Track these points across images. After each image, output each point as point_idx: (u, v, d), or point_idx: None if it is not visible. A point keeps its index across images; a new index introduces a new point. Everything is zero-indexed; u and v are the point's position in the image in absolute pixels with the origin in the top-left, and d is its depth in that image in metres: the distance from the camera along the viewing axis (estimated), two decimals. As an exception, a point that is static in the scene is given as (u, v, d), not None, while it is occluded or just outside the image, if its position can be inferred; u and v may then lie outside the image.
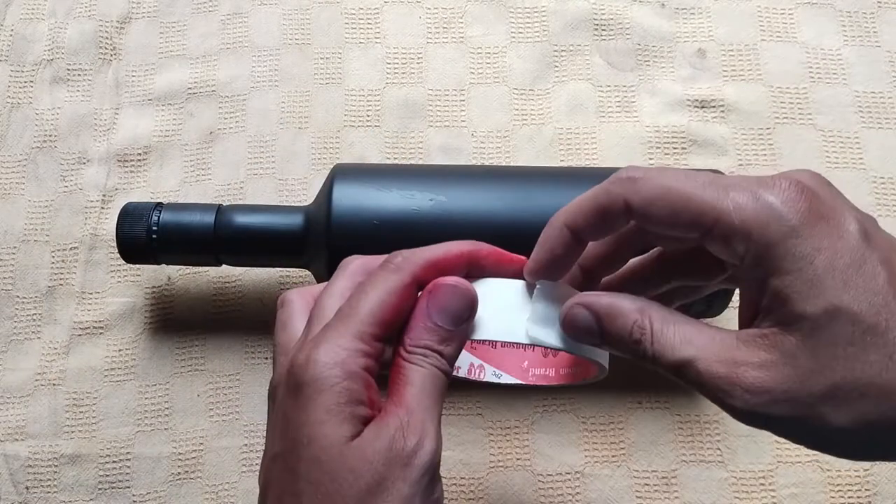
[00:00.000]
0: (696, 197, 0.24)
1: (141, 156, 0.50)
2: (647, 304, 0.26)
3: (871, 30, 0.52)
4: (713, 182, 0.24)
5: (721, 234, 0.23)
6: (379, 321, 0.26)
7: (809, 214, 0.23)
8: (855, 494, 0.43)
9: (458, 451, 0.44)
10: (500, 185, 0.40)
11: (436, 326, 0.27)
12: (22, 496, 0.44)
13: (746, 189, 0.23)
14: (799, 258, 0.22)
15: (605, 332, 0.26)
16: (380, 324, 0.26)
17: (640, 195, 0.25)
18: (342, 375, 0.25)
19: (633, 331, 0.25)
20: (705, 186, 0.24)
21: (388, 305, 0.26)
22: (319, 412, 0.25)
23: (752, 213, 0.23)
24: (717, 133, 0.50)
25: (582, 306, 0.26)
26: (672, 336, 0.24)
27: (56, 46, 0.52)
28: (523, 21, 0.53)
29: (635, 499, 0.43)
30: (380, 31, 0.53)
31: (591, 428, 0.44)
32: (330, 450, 0.24)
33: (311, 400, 0.25)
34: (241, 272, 0.47)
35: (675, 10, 0.53)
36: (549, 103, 0.51)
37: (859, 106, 0.50)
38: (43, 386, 0.46)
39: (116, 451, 0.44)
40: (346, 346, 0.25)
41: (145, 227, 0.41)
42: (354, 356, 0.25)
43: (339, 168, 0.41)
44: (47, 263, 0.48)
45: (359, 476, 0.24)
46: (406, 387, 0.26)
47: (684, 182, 0.24)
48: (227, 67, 0.52)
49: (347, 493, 0.24)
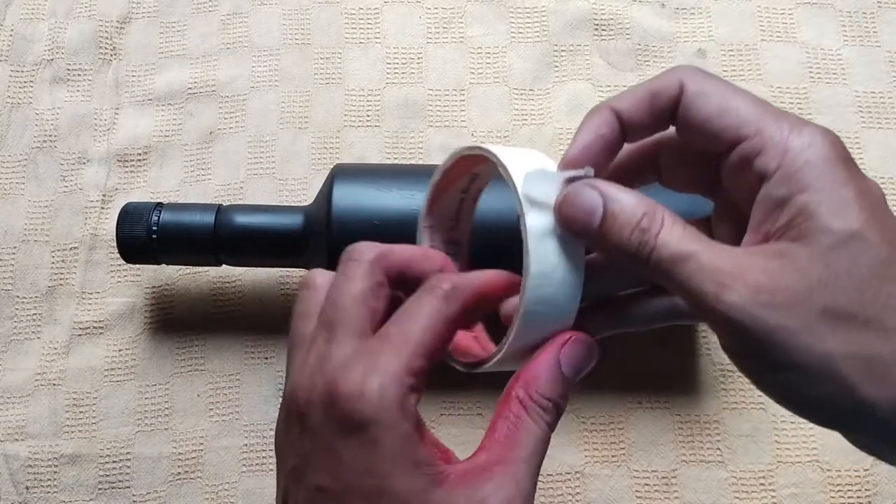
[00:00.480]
0: (744, 104, 0.24)
1: (141, 156, 0.50)
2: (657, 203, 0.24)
3: (871, 30, 0.52)
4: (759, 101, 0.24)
5: (757, 145, 0.23)
6: (428, 352, 0.24)
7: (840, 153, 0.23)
8: (855, 494, 0.43)
9: (458, 451, 0.44)
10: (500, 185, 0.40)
11: (563, 378, 0.25)
12: (22, 496, 0.44)
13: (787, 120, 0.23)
14: (832, 181, 0.22)
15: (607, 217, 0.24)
16: (428, 355, 0.24)
17: (695, 84, 0.24)
18: (401, 416, 0.23)
19: (642, 219, 0.23)
20: (756, 101, 0.24)
21: (438, 336, 0.24)
22: (384, 461, 0.23)
23: (793, 135, 0.23)
24: (717, 133, 0.50)
25: (592, 187, 0.24)
26: (681, 233, 0.23)
27: (56, 46, 0.52)
28: (523, 21, 0.53)
29: (635, 499, 0.43)
30: (380, 31, 0.53)
31: (591, 428, 0.44)
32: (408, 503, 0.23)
33: (374, 443, 0.23)
34: (241, 272, 0.47)
35: (675, 10, 0.53)
36: (549, 103, 0.51)
37: (859, 106, 0.50)
38: (43, 386, 0.46)
39: (116, 451, 0.44)
40: (400, 379, 0.23)
41: (145, 227, 0.41)
42: (409, 394, 0.23)
43: (339, 168, 0.41)
44: (47, 263, 0.48)
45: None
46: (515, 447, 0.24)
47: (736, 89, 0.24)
48: (227, 67, 0.52)
49: None
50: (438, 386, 0.44)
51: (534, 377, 0.25)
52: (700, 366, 0.45)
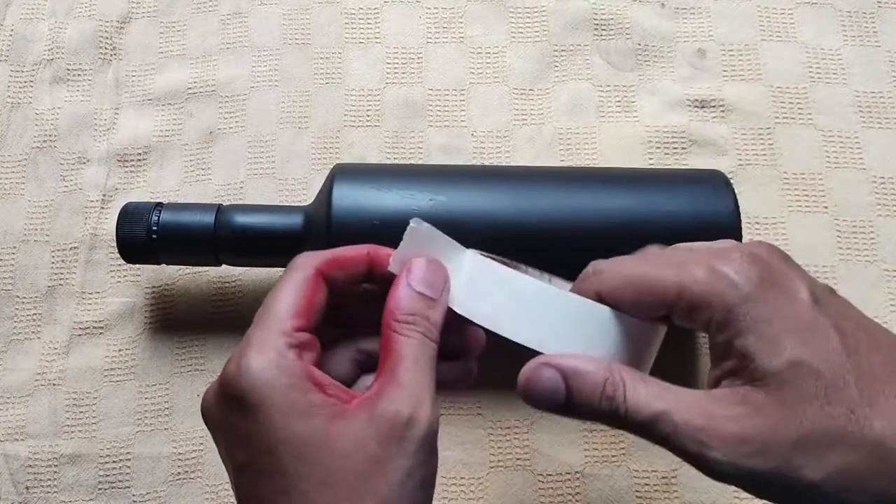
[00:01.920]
0: (655, 279, 0.26)
1: (141, 156, 0.50)
2: (612, 362, 0.27)
3: (871, 30, 0.52)
4: (670, 262, 0.26)
5: (684, 307, 0.25)
6: (295, 314, 0.27)
7: (761, 282, 0.24)
8: (855, 494, 0.42)
9: (458, 451, 0.44)
10: (500, 185, 0.40)
11: (418, 294, 0.28)
12: (22, 496, 0.44)
13: (702, 263, 0.25)
14: (758, 320, 0.24)
15: (572, 393, 0.26)
16: (296, 315, 0.27)
17: (607, 286, 0.27)
18: (279, 374, 0.25)
19: (605, 387, 0.26)
20: (663, 267, 0.26)
21: (297, 297, 0.27)
22: (276, 416, 0.25)
23: (710, 284, 0.25)
24: (717, 133, 0.50)
25: (548, 366, 0.27)
26: (644, 392, 0.25)
27: (56, 46, 0.52)
28: (523, 21, 0.53)
29: (635, 499, 0.43)
30: (380, 31, 0.53)
31: (592, 428, 0.44)
32: (310, 444, 0.25)
33: (260, 407, 0.25)
34: (241, 272, 0.47)
35: (675, 9, 0.53)
36: (549, 103, 0.51)
37: (859, 106, 0.50)
38: (43, 386, 0.46)
39: (116, 451, 0.44)
40: (272, 344, 0.26)
41: (145, 226, 0.41)
42: (281, 352, 0.26)
43: (339, 168, 0.41)
44: (47, 263, 0.48)
45: (352, 459, 0.25)
46: (398, 362, 0.27)
47: (643, 267, 0.26)
48: (227, 67, 0.52)
49: (345, 479, 0.25)
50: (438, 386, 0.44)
51: (392, 306, 0.28)
52: (700, 366, 0.45)
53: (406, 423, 0.25)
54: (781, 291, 0.25)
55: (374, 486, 0.25)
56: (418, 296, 0.28)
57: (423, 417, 0.26)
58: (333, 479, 0.25)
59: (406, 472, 0.25)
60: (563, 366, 0.26)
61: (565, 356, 0.27)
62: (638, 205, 0.39)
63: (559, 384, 0.26)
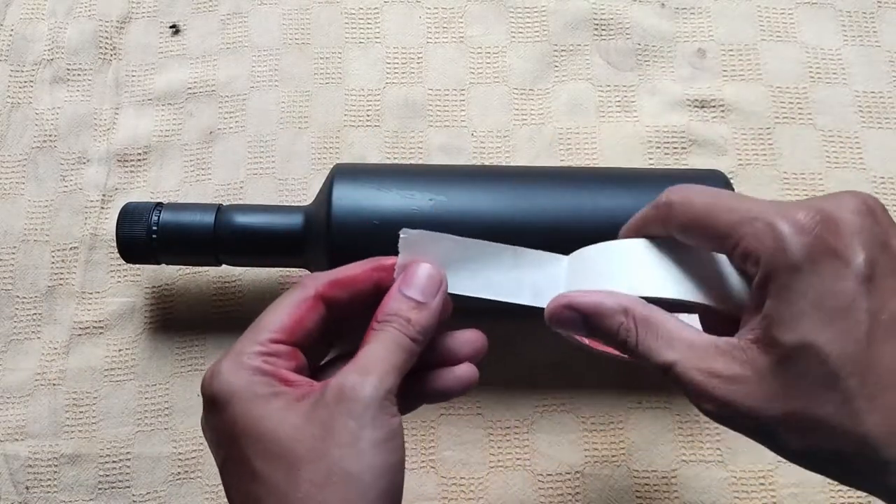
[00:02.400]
0: (721, 221, 0.26)
1: (141, 156, 0.50)
2: (631, 302, 0.27)
3: (871, 30, 0.52)
4: (740, 207, 0.26)
5: (739, 256, 0.25)
6: (279, 329, 0.28)
7: (813, 250, 0.24)
8: (855, 494, 0.42)
9: (458, 451, 0.44)
10: (500, 185, 0.40)
11: (404, 297, 0.29)
12: (22, 496, 0.44)
13: (766, 217, 0.25)
14: (793, 291, 0.24)
15: (592, 329, 0.28)
16: (280, 330, 0.28)
17: (675, 221, 0.27)
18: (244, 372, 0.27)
19: (619, 332, 0.27)
20: (731, 211, 0.26)
21: (288, 315, 0.29)
22: (238, 407, 0.27)
23: (764, 241, 0.24)
24: (717, 133, 0.50)
25: (568, 308, 0.28)
26: (655, 339, 0.27)
27: (56, 46, 0.52)
28: (523, 21, 0.53)
29: (635, 499, 0.43)
30: (380, 31, 0.53)
31: (591, 428, 0.44)
32: (266, 425, 0.26)
33: (227, 404, 0.27)
34: (241, 272, 0.47)
35: (675, 9, 0.53)
36: (549, 103, 0.51)
37: (859, 106, 0.50)
38: (43, 386, 0.46)
39: (116, 451, 0.44)
40: (245, 351, 0.28)
41: (145, 226, 0.41)
42: (252, 357, 0.28)
43: (339, 168, 0.41)
44: (47, 263, 0.48)
45: (304, 430, 0.26)
46: (362, 349, 0.28)
47: (714, 207, 0.26)
48: (227, 67, 0.52)
49: (297, 450, 0.26)
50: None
51: (379, 309, 0.29)
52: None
53: (351, 388, 0.26)
54: (832, 263, 0.24)
55: (325, 451, 0.25)
56: (404, 298, 0.29)
57: (368, 382, 0.26)
58: (286, 452, 0.26)
59: (354, 433, 0.26)
60: (581, 306, 0.28)
61: (586, 293, 0.28)
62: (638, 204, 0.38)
63: (579, 322, 0.28)
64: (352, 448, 0.26)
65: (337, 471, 0.25)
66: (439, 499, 0.43)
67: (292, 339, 0.29)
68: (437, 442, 0.44)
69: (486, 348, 0.32)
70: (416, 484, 0.43)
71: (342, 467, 0.25)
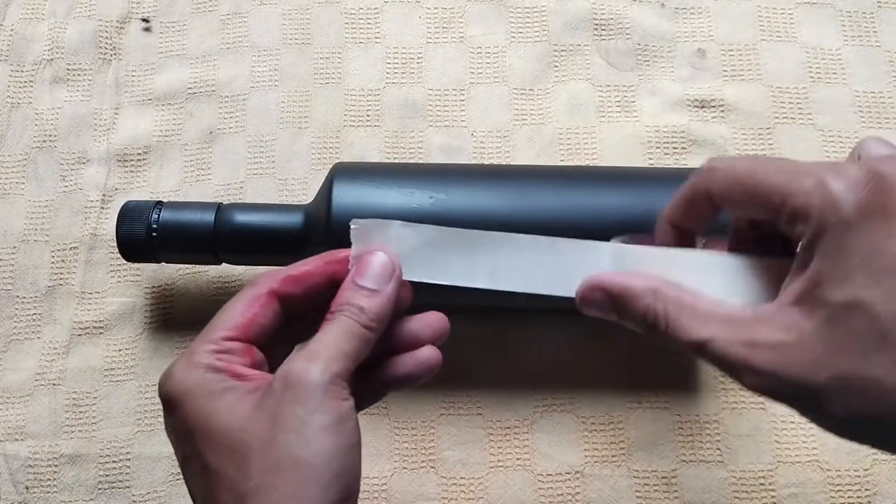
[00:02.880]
0: (766, 182, 0.25)
1: (141, 156, 0.50)
2: (661, 284, 0.27)
3: (871, 30, 0.52)
4: (784, 167, 0.25)
5: (787, 215, 0.24)
6: (230, 326, 0.29)
7: (868, 207, 0.23)
8: (855, 494, 0.42)
9: (458, 451, 0.44)
10: (500, 182, 0.40)
11: (356, 286, 0.29)
12: (22, 496, 0.44)
13: (815, 174, 0.24)
14: (843, 249, 0.23)
15: (620, 312, 0.27)
16: (233, 328, 0.29)
17: (718, 186, 0.27)
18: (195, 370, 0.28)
19: (646, 314, 0.26)
20: (777, 172, 0.25)
21: (239, 312, 0.29)
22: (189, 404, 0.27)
23: (815, 198, 0.23)
24: (717, 133, 0.50)
25: (597, 289, 0.28)
26: (687, 319, 0.26)
27: (56, 46, 0.52)
28: (523, 21, 0.53)
29: (635, 499, 0.43)
30: (380, 31, 0.53)
31: (591, 428, 0.44)
32: (218, 419, 0.26)
33: (180, 402, 0.27)
34: (242, 271, 0.47)
35: (675, 10, 0.53)
36: (549, 103, 0.51)
37: (859, 106, 0.50)
38: (43, 386, 0.46)
39: (116, 451, 0.44)
40: (198, 351, 0.28)
41: (145, 225, 0.41)
42: (205, 355, 0.28)
43: (339, 166, 0.41)
44: (47, 263, 0.48)
45: (253, 421, 0.26)
46: (321, 337, 0.28)
47: (755, 168, 0.26)
48: (227, 67, 0.52)
49: (247, 440, 0.26)
50: (438, 386, 0.45)
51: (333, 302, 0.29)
52: (700, 366, 0.45)
53: (297, 374, 0.26)
54: (886, 221, 0.23)
55: (274, 439, 0.25)
56: (357, 288, 0.29)
57: (314, 367, 0.26)
58: (236, 444, 0.26)
59: (301, 419, 0.26)
60: (609, 288, 0.28)
61: (616, 274, 0.28)
62: (637, 203, 0.39)
63: (609, 307, 0.28)
64: (299, 434, 0.25)
65: (286, 457, 0.25)
66: (439, 499, 0.43)
67: (246, 336, 0.29)
68: (437, 442, 0.44)
69: (448, 330, 0.32)
70: (416, 484, 0.43)
71: (291, 453, 0.25)
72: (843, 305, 0.22)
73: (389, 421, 0.44)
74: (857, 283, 0.22)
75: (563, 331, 0.45)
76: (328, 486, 0.25)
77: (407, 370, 0.31)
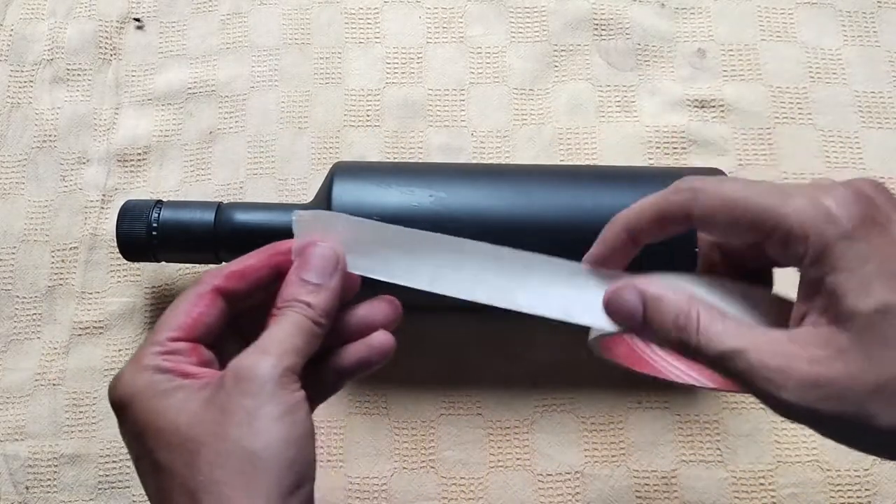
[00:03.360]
0: (755, 204, 0.25)
1: (141, 156, 0.50)
2: (695, 296, 0.26)
3: (871, 30, 0.52)
4: (772, 189, 0.25)
5: (781, 238, 0.24)
6: (175, 327, 0.28)
7: (863, 219, 0.23)
8: (855, 494, 0.42)
9: (458, 451, 0.44)
10: (500, 181, 0.40)
11: (301, 281, 0.29)
12: (22, 496, 0.44)
13: (804, 194, 0.24)
14: (853, 258, 0.23)
15: (648, 316, 0.27)
16: (178, 328, 0.28)
17: (702, 206, 0.26)
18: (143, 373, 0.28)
19: (678, 318, 0.26)
20: (765, 194, 0.25)
21: (183, 312, 0.29)
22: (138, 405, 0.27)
23: (810, 216, 0.24)
24: (716, 133, 0.50)
25: (633, 288, 0.27)
26: (720, 328, 0.25)
27: (56, 46, 0.52)
28: (523, 21, 0.53)
29: (635, 499, 0.43)
30: (380, 31, 0.53)
31: (591, 428, 0.44)
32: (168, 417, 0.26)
33: (129, 404, 0.27)
34: (241, 272, 0.47)
35: (675, 10, 0.53)
36: (548, 103, 0.51)
37: (859, 106, 0.50)
38: (43, 386, 0.46)
39: (116, 451, 0.44)
40: (143, 354, 0.28)
41: (145, 224, 0.41)
42: (151, 358, 0.28)
43: (339, 165, 0.41)
44: (47, 263, 0.48)
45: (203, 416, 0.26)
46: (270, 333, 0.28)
47: (744, 191, 0.25)
48: (227, 67, 0.52)
49: (197, 435, 0.26)
50: (438, 386, 0.45)
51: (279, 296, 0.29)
52: (700, 365, 0.45)
53: (248, 368, 0.26)
54: (883, 231, 0.23)
55: (223, 432, 0.25)
56: (300, 282, 0.29)
57: (265, 360, 0.27)
58: (186, 440, 0.26)
59: (251, 411, 0.26)
60: (645, 291, 0.27)
61: (653, 281, 0.27)
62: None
63: (638, 307, 0.27)
64: (249, 426, 0.26)
65: (235, 449, 0.25)
66: (439, 499, 0.43)
67: (192, 336, 0.29)
68: (437, 442, 0.44)
69: (401, 314, 0.32)
70: (416, 484, 0.43)
71: (241, 445, 0.25)
72: (874, 312, 0.22)
73: (389, 421, 0.44)
74: (880, 289, 0.22)
75: (563, 331, 0.45)
76: (281, 476, 0.25)
77: (360, 357, 0.31)
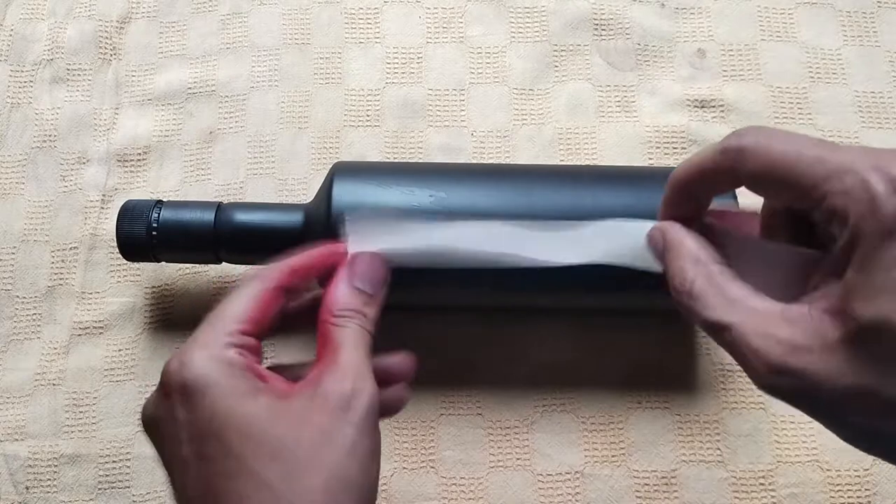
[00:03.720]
0: (804, 173, 0.23)
1: (141, 156, 0.50)
2: (707, 256, 0.25)
3: (871, 30, 0.52)
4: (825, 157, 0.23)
5: (825, 212, 0.23)
6: (244, 319, 0.28)
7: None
8: (855, 494, 0.42)
9: (458, 451, 0.44)
10: (500, 181, 0.40)
11: (357, 291, 0.29)
12: (22, 496, 0.44)
13: (859, 170, 0.22)
14: (878, 261, 0.21)
15: (664, 262, 0.27)
16: (247, 321, 0.28)
17: (748, 171, 0.24)
18: (222, 365, 0.27)
19: (675, 276, 0.25)
20: (816, 162, 0.23)
21: (254, 305, 0.29)
22: (219, 400, 0.26)
23: (855, 201, 0.21)
24: (717, 133, 0.50)
25: (659, 231, 0.27)
26: (713, 298, 0.24)
27: (56, 46, 0.53)
28: (523, 21, 0.53)
29: (635, 499, 0.43)
30: (380, 30, 0.53)
31: (591, 428, 0.44)
32: (256, 423, 0.26)
33: (203, 394, 0.26)
34: (241, 271, 0.47)
35: (675, 9, 0.53)
36: (549, 103, 0.51)
37: (859, 106, 0.50)
38: (43, 386, 0.46)
39: (116, 451, 0.44)
40: (214, 341, 0.27)
41: (145, 224, 0.41)
42: (223, 348, 0.27)
43: (339, 165, 0.41)
44: (47, 263, 0.48)
45: (301, 433, 0.26)
46: (336, 348, 0.28)
47: (795, 154, 0.23)
48: (227, 67, 0.52)
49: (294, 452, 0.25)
50: (438, 386, 0.45)
51: (329, 301, 0.29)
52: (700, 366, 0.45)
53: (350, 395, 0.26)
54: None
55: (325, 458, 0.25)
56: (356, 291, 0.29)
57: (365, 390, 0.27)
58: (283, 454, 0.25)
59: (353, 442, 0.26)
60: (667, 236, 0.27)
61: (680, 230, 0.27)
62: (637, 203, 0.39)
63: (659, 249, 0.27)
64: (351, 457, 0.26)
65: (340, 478, 0.25)
66: (439, 499, 0.43)
67: (258, 331, 0.28)
68: (437, 442, 0.44)
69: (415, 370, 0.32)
70: (416, 484, 0.43)
71: (344, 475, 0.25)
72: (870, 323, 0.21)
73: (389, 421, 0.44)
74: (886, 302, 0.21)
75: (563, 331, 0.45)
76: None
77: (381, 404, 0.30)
